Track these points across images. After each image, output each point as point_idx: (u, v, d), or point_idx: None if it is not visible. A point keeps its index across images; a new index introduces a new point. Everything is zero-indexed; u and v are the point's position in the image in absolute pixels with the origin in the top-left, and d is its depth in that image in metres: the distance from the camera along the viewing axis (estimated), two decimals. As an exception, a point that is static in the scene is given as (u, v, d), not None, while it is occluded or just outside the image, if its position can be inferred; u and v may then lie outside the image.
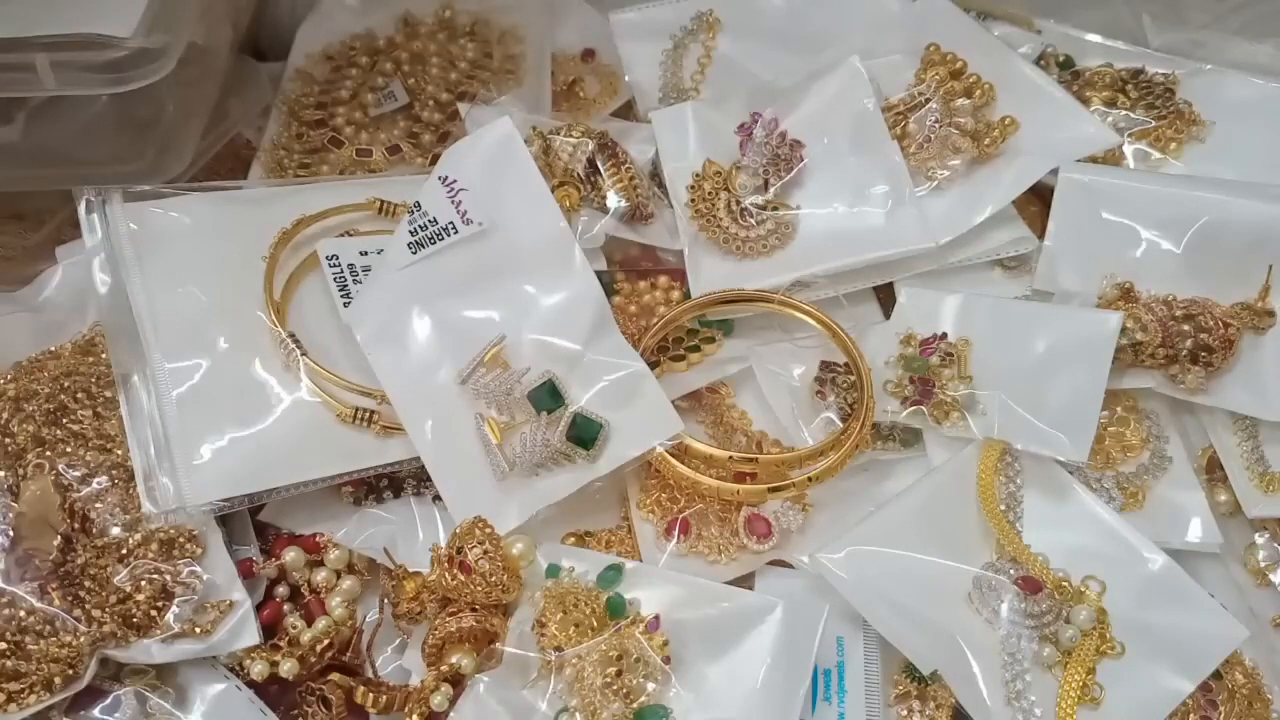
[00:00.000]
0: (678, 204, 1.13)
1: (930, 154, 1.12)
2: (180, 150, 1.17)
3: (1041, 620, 0.91)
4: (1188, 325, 1.03)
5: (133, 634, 0.91)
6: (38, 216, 1.22)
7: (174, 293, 1.02)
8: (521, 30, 1.37)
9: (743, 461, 0.98)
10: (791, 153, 1.13)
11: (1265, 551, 1.01)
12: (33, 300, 1.10)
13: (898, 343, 1.06)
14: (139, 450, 0.97)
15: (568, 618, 0.87)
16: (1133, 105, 1.21)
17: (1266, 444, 1.03)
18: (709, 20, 1.28)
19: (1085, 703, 0.89)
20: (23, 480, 0.96)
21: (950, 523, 0.96)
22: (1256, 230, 1.07)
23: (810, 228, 1.12)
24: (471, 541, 0.89)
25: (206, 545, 0.95)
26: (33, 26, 1.02)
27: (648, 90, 1.26)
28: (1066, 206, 1.11)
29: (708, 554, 0.97)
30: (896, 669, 0.93)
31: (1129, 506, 1.00)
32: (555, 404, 0.96)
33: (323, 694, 0.90)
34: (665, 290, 1.13)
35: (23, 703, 0.87)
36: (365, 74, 1.32)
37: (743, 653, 0.87)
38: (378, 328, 1.01)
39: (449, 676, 0.88)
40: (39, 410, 1.00)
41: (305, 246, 1.07)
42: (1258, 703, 0.92)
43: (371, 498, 1.01)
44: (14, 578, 0.91)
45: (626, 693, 0.85)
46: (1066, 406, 0.99)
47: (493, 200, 1.03)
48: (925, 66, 1.17)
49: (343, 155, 1.26)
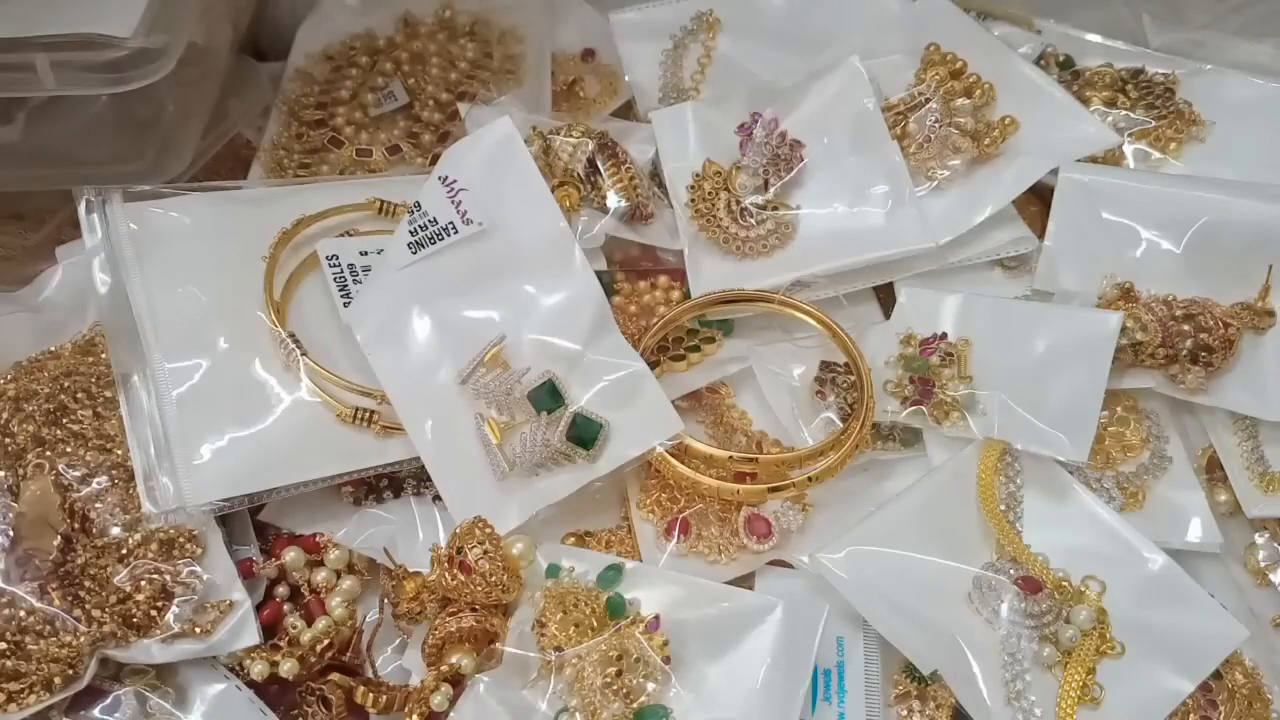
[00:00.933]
0: (678, 204, 1.13)
1: (930, 154, 1.12)
2: (180, 150, 1.17)
3: (1041, 620, 0.91)
4: (1188, 325, 1.03)
5: (133, 634, 0.91)
6: (38, 216, 1.22)
7: (174, 293, 1.02)
8: (521, 30, 1.37)
9: (743, 461, 0.98)
10: (791, 153, 1.13)
11: (1265, 551, 1.01)
12: (33, 300, 1.10)
13: (898, 343, 1.06)
14: (139, 450, 0.97)
15: (568, 618, 0.87)
16: (1133, 105, 1.21)
17: (1266, 444, 1.03)
18: (709, 20, 1.28)
19: (1085, 703, 0.89)
20: (23, 480, 0.96)
21: (950, 523, 0.96)
22: (1256, 230, 1.07)
23: (810, 228, 1.12)
24: (471, 541, 0.89)
25: (206, 545, 0.95)
26: (33, 26, 1.02)
27: (648, 90, 1.26)
28: (1066, 206, 1.11)
29: (708, 554, 0.97)
30: (896, 669, 0.92)
31: (1129, 506, 1.00)
32: (555, 404, 0.96)
33: (323, 694, 0.90)
34: (665, 290, 1.13)
35: (23, 703, 0.87)
36: (365, 74, 1.32)
37: (743, 653, 0.87)
38: (378, 328, 1.01)
39: (449, 676, 0.88)
40: (39, 410, 1.00)
41: (305, 246, 1.07)
42: (1258, 703, 0.92)
43: (371, 498, 1.01)
44: (14, 578, 0.91)
45: (626, 693, 0.85)
46: (1066, 406, 0.99)
47: (493, 200, 1.03)
48: (925, 66, 1.17)
49: (343, 155, 1.26)
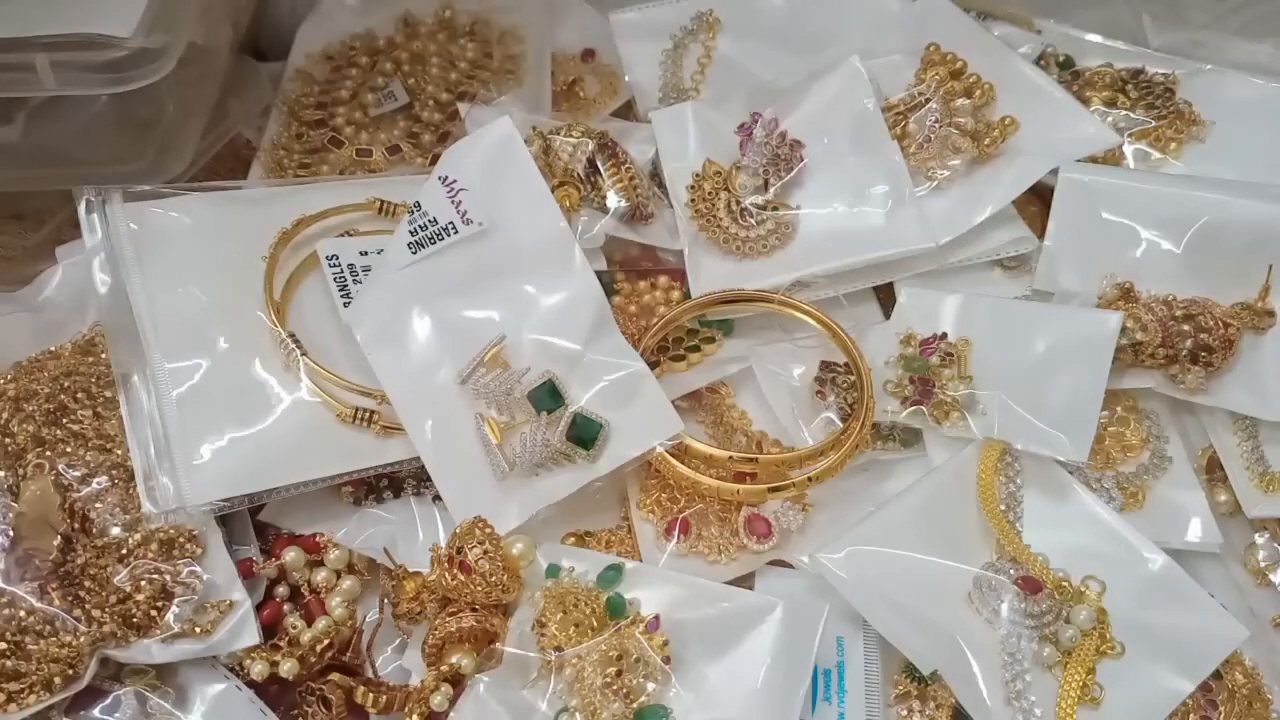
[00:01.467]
0: (678, 204, 1.13)
1: (930, 154, 1.12)
2: (180, 150, 1.17)
3: (1041, 620, 0.91)
4: (1188, 325, 1.03)
5: (133, 634, 0.91)
6: (38, 216, 1.22)
7: (174, 293, 1.02)
8: (521, 30, 1.37)
9: (743, 461, 0.98)
10: (791, 153, 1.13)
11: (1265, 551, 1.00)
12: (33, 300, 1.10)
13: (898, 343, 1.06)
14: (139, 450, 0.97)
15: (568, 618, 0.87)
16: (1133, 105, 1.21)
17: (1266, 444, 1.03)
18: (709, 20, 1.28)
19: (1085, 703, 0.89)
20: (23, 480, 0.96)
21: (950, 523, 0.96)
22: (1256, 230, 1.07)
23: (810, 228, 1.12)
24: (471, 541, 0.89)
25: (206, 545, 0.95)
26: (33, 26, 1.02)
27: (648, 90, 1.26)
28: (1066, 206, 1.11)
29: (708, 554, 0.97)
30: (896, 669, 0.92)
31: (1129, 506, 1.00)
32: (555, 404, 0.96)
33: (322, 694, 0.90)
34: (665, 290, 1.13)
35: (23, 703, 0.87)
36: (365, 74, 1.32)
37: (743, 653, 0.87)
38: (378, 328, 1.01)
39: (449, 676, 0.88)
40: (39, 410, 1.00)
41: (305, 246, 1.07)
42: (1258, 703, 0.92)
43: (371, 498, 1.01)
44: (14, 578, 0.91)
45: (626, 693, 0.85)
46: (1066, 406, 0.99)
47: (493, 200, 1.03)
48: (925, 66, 1.17)
49: (343, 155, 1.26)
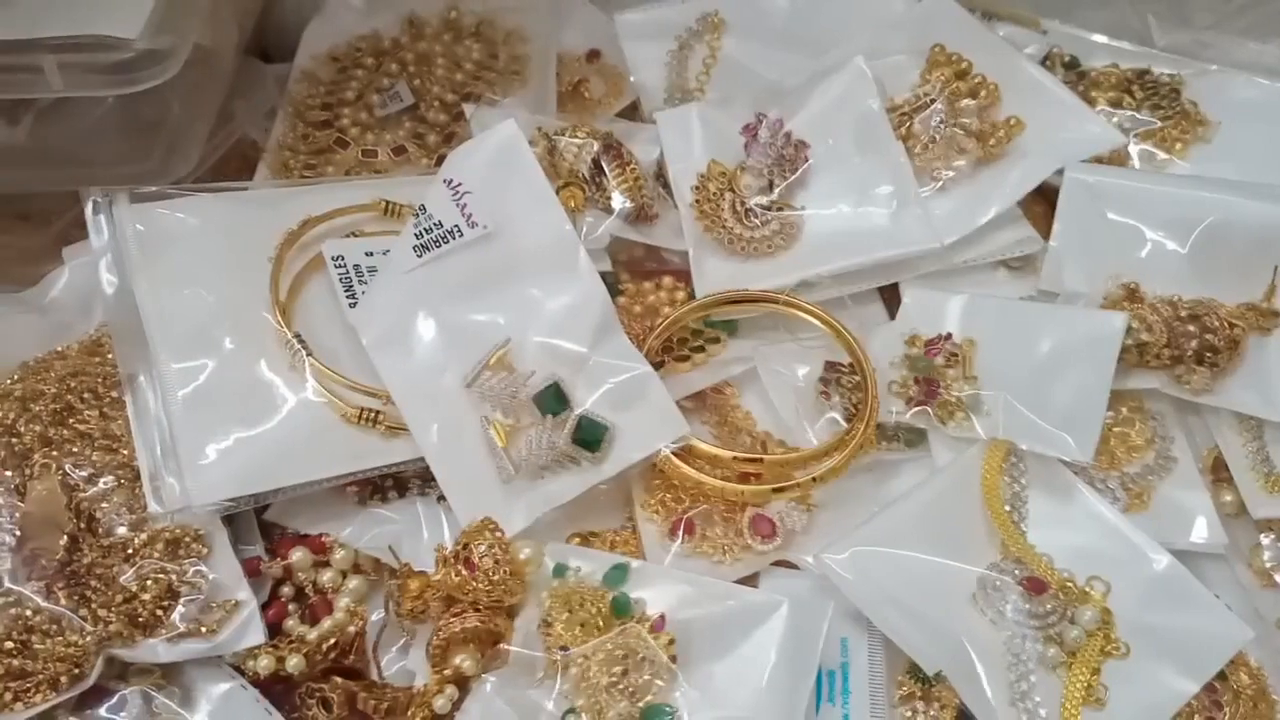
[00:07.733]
0: (683, 204, 1.13)
1: (935, 154, 1.12)
2: (186, 151, 1.17)
3: (1046, 621, 0.91)
4: (1193, 326, 1.03)
5: (138, 633, 0.91)
6: (44, 217, 1.22)
7: (180, 293, 1.02)
8: (526, 31, 1.37)
9: (747, 462, 0.98)
10: (796, 153, 1.13)
11: (1270, 552, 1.00)
12: (39, 301, 1.10)
13: (903, 343, 1.06)
14: (145, 450, 0.97)
15: (574, 617, 0.87)
16: (1138, 106, 1.21)
17: (1272, 445, 1.03)
18: (714, 21, 1.28)
19: (1090, 703, 0.88)
20: (29, 480, 0.96)
21: (955, 523, 0.96)
22: (1262, 231, 1.06)
23: (815, 228, 1.12)
24: (479, 540, 0.89)
25: (212, 545, 0.96)
26: (40, 28, 1.02)
27: (653, 91, 1.26)
28: (1072, 207, 1.11)
29: (712, 554, 0.97)
30: (901, 670, 0.92)
31: (1134, 507, 1.00)
32: (561, 407, 0.96)
33: (323, 695, 0.90)
34: (670, 291, 1.12)
35: (29, 702, 0.88)
36: (371, 75, 1.32)
37: (749, 651, 0.87)
38: (383, 331, 1.01)
39: (453, 679, 0.88)
40: (46, 410, 1.00)
41: (311, 247, 1.07)
42: (1263, 703, 0.92)
43: (376, 497, 1.01)
44: (21, 577, 0.92)
45: (632, 692, 0.85)
46: (1071, 407, 0.99)
47: (498, 203, 1.03)
48: (930, 67, 1.17)
49: (348, 156, 1.26)
